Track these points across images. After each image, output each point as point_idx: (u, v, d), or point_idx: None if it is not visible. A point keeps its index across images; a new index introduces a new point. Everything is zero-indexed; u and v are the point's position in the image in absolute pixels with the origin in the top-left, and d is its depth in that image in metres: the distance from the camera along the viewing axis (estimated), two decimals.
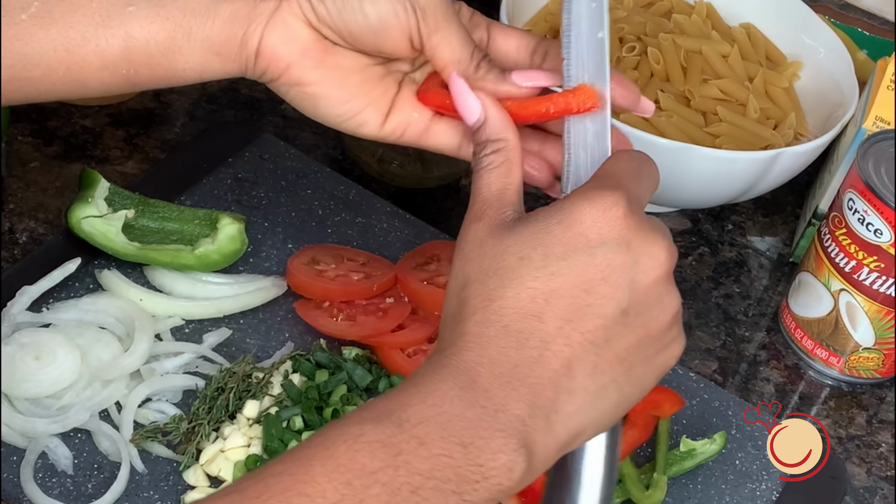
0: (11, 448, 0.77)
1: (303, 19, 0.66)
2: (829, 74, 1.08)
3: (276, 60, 0.66)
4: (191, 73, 0.67)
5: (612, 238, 0.57)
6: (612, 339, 0.57)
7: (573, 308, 0.56)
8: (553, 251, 0.57)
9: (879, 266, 0.89)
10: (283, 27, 0.66)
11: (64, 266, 0.84)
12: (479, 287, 0.58)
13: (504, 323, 0.56)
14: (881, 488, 0.90)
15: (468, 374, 0.55)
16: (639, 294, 0.58)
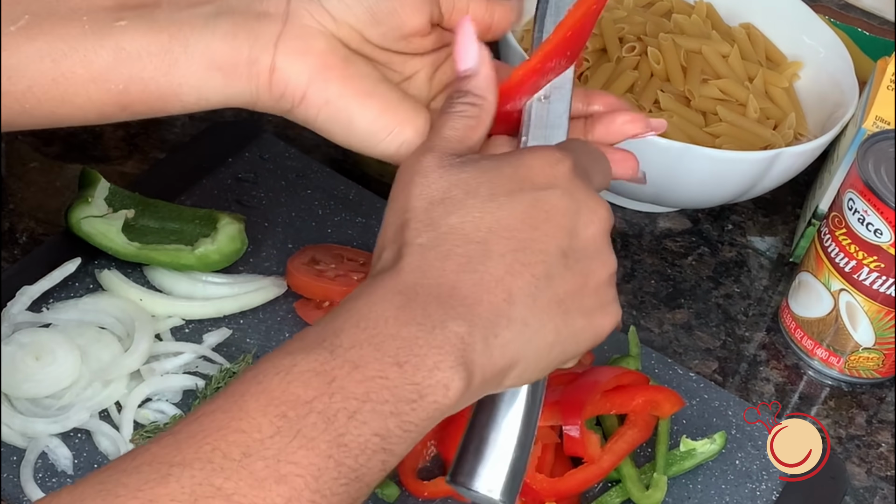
0: (11, 448, 0.77)
1: (315, 28, 0.62)
2: (829, 74, 1.08)
3: (296, 77, 0.62)
4: (188, 93, 0.63)
5: (557, 185, 0.59)
6: (552, 277, 0.58)
7: (517, 240, 0.57)
8: (500, 188, 0.58)
9: (879, 266, 0.89)
10: (297, 40, 0.62)
11: (64, 266, 0.84)
12: (423, 214, 0.58)
13: (446, 247, 0.57)
14: (881, 488, 0.90)
15: (405, 294, 0.55)
16: (580, 240, 0.59)
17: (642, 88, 1.04)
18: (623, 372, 0.85)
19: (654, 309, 0.99)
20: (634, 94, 1.04)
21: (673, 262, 1.04)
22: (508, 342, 0.56)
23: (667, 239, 1.06)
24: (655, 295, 1.00)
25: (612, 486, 0.82)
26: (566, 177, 0.59)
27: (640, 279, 1.01)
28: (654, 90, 1.04)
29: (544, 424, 0.80)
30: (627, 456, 0.82)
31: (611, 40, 1.07)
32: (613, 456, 0.81)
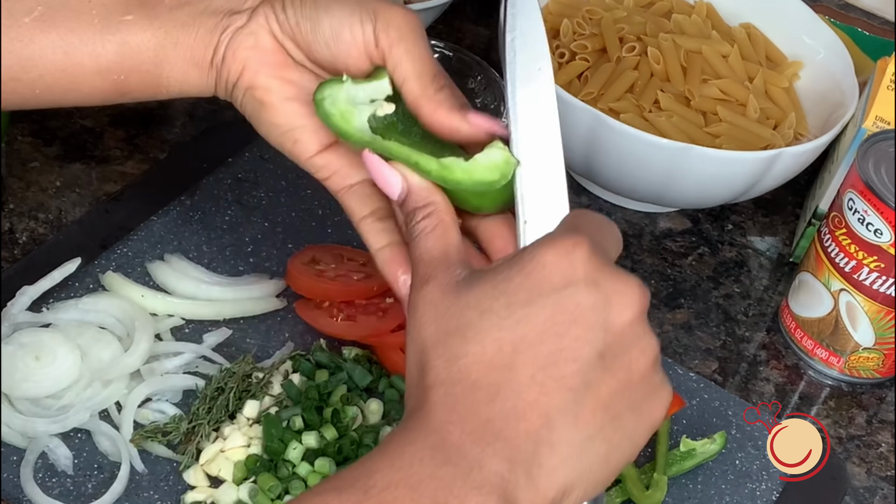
0: (11, 448, 0.77)
1: (268, 30, 0.68)
2: (829, 74, 1.08)
3: (237, 62, 0.68)
4: (174, 84, 0.70)
5: (578, 278, 0.54)
6: (591, 384, 0.53)
7: (545, 354, 0.53)
8: (516, 299, 0.54)
9: (879, 266, 0.89)
10: (250, 35, 0.68)
11: (64, 266, 0.84)
12: (441, 349, 0.54)
13: (472, 379, 0.53)
14: (881, 488, 0.90)
15: (437, 433, 0.52)
16: (614, 335, 0.54)
17: (642, 88, 1.04)
18: None
19: (654, 309, 0.99)
20: (634, 94, 1.04)
21: (673, 262, 1.04)
22: (555, 469, 0.52)
23: (667, 239, 1.06)
24: (655, 295, 1.00)
25: (612, 486, 0.82)
26: (585, 263, 0.54)
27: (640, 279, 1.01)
28: (654, 90, 1.04)
29: None
30: None
31: (611, 40, 1.07)
32: None
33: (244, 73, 0.69)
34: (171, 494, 0.77)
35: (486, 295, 0.54)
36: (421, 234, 0.61)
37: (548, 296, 0.53)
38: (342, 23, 0.66)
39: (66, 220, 0.93)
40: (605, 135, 0.95)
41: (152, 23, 0.68)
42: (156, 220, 0.92)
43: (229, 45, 0.68)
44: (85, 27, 0.67)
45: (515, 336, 0.53)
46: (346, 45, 0.66)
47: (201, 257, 0.90)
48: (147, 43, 0.68)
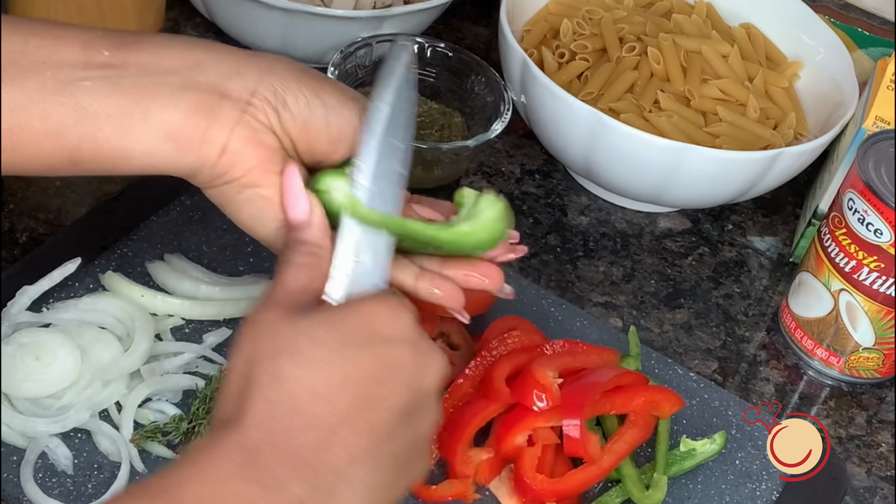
0: (11, 448, 0.77)
1: (269, 126, 0.65)
2: (829, 74, 1.08)
3: (243, 161, 0.65)
4: (139, 157, 0.64)
5: (404, 338, 0.59)
6: (392, 435, 0.58)
7: (364, 396, 0.57)
8: (349, 339, 0.58)
9: (879, 266, 0.89)
10: (252, 131, 0.65)
11: (64, 266, 0.84)
12: (269, 365, 0.57)
13: (294, 403, 0.56)
14: (881, 488, 0.90)
15: (250, 452, 0.55)
16: (420, 397, 0.60)
17: (642, 88, 1.04)
18: (623, 372, 0.85)
19: (654, 309, 0.99)
20: (634, 94, 1.04)
21: (673, 262, 1.04)
22: (345, 502, 0.56)
23: (667, 239, 1.06)
24: (655, 295, 1.00)
25: (612, 486, 0.82)
26: (411, 329, 0.60)
27: (640, 279, 1.01)
28: (654, 90, 1.04)
29: (544, 425, 0.80)
30: (627, 456, 0.82)
31: (611, 40, 1.07)
32: (613, 456, 0.81)
33: (250, 172, 0.66)
34: None
35: (322, 327, 0.58)
36: (297, 264, 0.63)
37: (377, 344, 0.59)
38: (347, 122, 0.67)
39: (66, 220, 0.93)
40: (605, 135, 0.95)
41: (115, 90, 0.62)
42: (156, 220, 0.92)
43: (231, 140, 0.64)
44: (35, 87, 0.61)
45: (342, 373, 0.57)
46: (346, 143, 0.67)
47: (201, 257, 0.90)
48: (108, 109, 0.62)
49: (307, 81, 0.67)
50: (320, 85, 0.67)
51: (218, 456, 0.55)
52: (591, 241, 1.03)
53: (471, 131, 1.02)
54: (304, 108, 0.66)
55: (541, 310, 0.92)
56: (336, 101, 0.67)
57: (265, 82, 0.65)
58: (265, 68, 0.66)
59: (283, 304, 0.60)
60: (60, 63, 0.62)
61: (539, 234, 1.03)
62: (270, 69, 0.66)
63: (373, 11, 1.04)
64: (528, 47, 1.06)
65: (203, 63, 0.65)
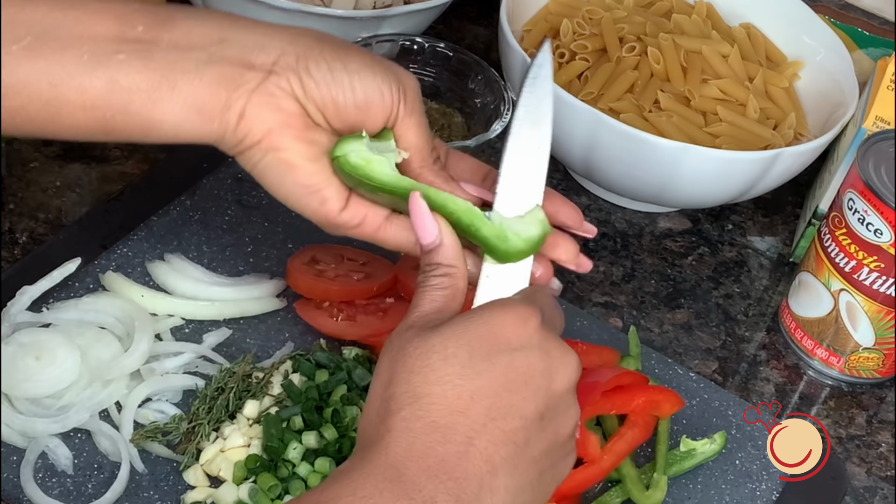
0: (11, 448, 0.77)
1: (290, 92, 0.67)
2: (829, 74, 1.08)
3: (260, 124, 0.67)
4: (167, 129, 0.67)
5: (532, 344, 0.61)
6: (530, 440, 0.60)
7: (497, 407, 0.59)
8: (477, 351, 0.60)
9: (879, 266, 0.89)
10: (270, 97, 0.67)
11: (64, 266, 0.84)
12: (405, 385, 0.60)
13: (431, 418, 0.59)
14: (881, 488, 0.90)
15: (396, 468, 0.57)
16: (553, 399, 0.61)
17: (642, 88, 1.04)
18: (623, 372, 0.85)
19: (654, 309, 0.99)
20: (634, 94, 1.04)
21: (673, 262, 1.04)
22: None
23: (667, 239, 1.06)
24: (655, 295, 1.00)
25: (612, 486, 0.82)
26: (538, 333, 0.62)
27: (640, 279, 1.01)
28: (654, 90, 1.04)
29: None
30: (627, 456, 0.82)
31: (611, 40, 1.07)
32: (613, 456, 0.81)
33: (268, 135, 0.68)
34: (171, 494, 0.77)
35: (451, 341, 0.61)
36: (433, 287, 0.65)
37: (505, 353, 0.61)
38: (374, 87, 0.68)
39: (66, 220, 0.93)
40: (605, 135, 0.95)
41: (147, 64, 0.66)
42: (156, 220, 0.92)
43: (248, 105, 0.67)
44: (73, 61, 0.65)
45: (473, 386, 0.59)
46: (375, 109, 0.68)
47: (201, 257, 0.90)
48: (140, 84, 0.65)
49: (331, 48, 0.68)
50: (345, 51, 0.68)
51: (367, 472, 0.57)
52: (591, 241, 1.03)
53: (471, 131, 1.01)
54: (325, 73, 0.67)
55: None
56: (360, 66, 0.68)
57: (288, 51, 0.67)
58: (289, 38, 0.68)
59: (419, 326, 0.63)
60: (96, 37, 0.65)
61: None
62: (294, 39, 0.68)
63: (373, 11, 1.04)
64: (528, 47, 1.06)
65: (229, 38, 0.67)
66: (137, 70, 0.65)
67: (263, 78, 0.67)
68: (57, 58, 0.65)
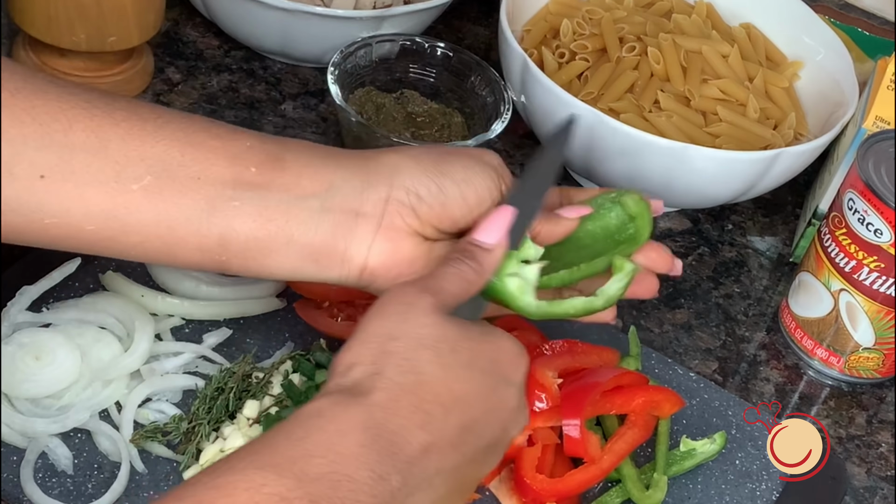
0: (11, 448, 0.77)
1: (406, 230, 0.70)
2: (829, 74, 1.08)
3: (383, 277, 0.70)
4: (283, 274, 0.70)
5: (518, 384, 0.64)
6: (472, 463, 0.62)
7: (470, 418, 0.61)
8: (477, 361, 0.62)
9: (879, 266, 0.89)
10: (388, 243, 0.69)
11: (64, 266, 0.84)
12: (410, 352, 0.61)
13: (418, 398, 0.60)
14: (881, 488, 0.90)
15: (370, 432, 0.58)
16: (503, 440, 0.65)
17: (642, 88, 1.04)
18: (623, 372, 0.85)
19: (654, 309, 0.99)
20: (634, 94, 1.04)
21: None
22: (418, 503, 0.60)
23: (667, 239, 1.06)
24: None
25: (612, 486, 0.82)
26: (523, 377, 0.65)
27: None
28: (654, 90, 1.04)
29: (544, 425, 0.80)
30: (627, 456, 0.82)
31: (611, 40, 1.07)
32: (613, 456, 0.81)
33: (390, 272, 0.70)
34: None
35: (464, 341, 0.62)
36: (458, 271, 0.66)
37: (497, 377, 0.63)
38: (483, 189, 0.71)
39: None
40: (605, 135, 0.95)
41: (262, 213, 0.68)
42: None
43: (369, 258, 0.69)
44: (191, 206, 0.67)
45: (463, 389, 0.61)
46: (484, 203, 0.71)
47: None
48: (255, 233, 0.68)
49: (433, 165, 0.70)
50: (447, 163, 0.71)
51: (342, 430, 0.58)
52: None
53: (471, 131, 1.02)
54: (437, 193, 0.70)
55: None
56: (465, 174, 0.70)
57: (395, 185, 0.69)
58: (392, 170, 0.70)
59: (436, 299, 0.63)
60: (213, 180, 0.67)
61: None
62: (397, 169, 0.70)
63: (373, 11, 1.04)
64: (528, 47, 1.06)
65: (336, 183, 0.69)
66: (253, 219, 0.68)
67: (378, 223, 0.69)
68: (175, 201, 0.67)
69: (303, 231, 0.68)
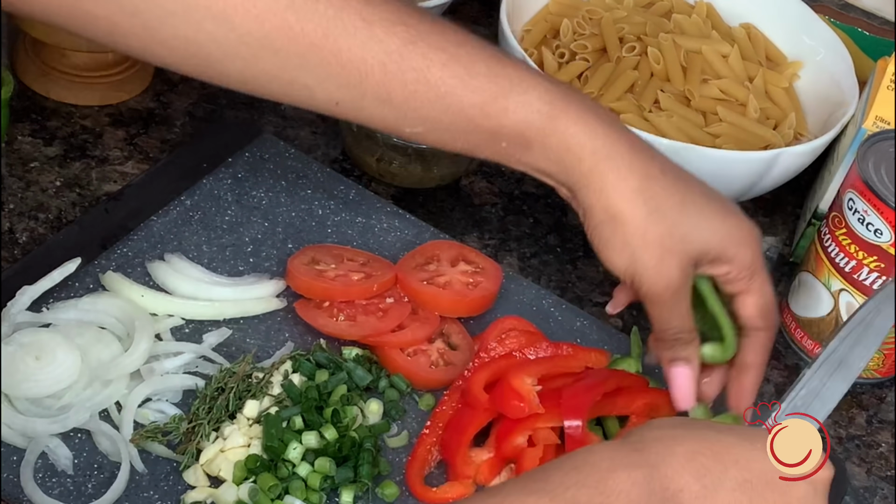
0: (11, 448, 0.77)
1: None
2: (829, 74, 1.08)
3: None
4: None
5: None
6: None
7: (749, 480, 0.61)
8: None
9: (879, 266, 0.89)
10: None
11: (64, 266, 0.84)
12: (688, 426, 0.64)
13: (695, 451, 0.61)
14: (881, 488, 0.90)
15: (642, 471, 0.59)
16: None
17: (642, 88, 1.04)
18: (623, 374, 0.85)
19: None
20: (634, 94, 1.04)
21: None
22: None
23: None
24: None
25: None
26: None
27: None
28: (654, 90, 1.04)
29: (544, 426, 0.80)
30: None
31: (611, 40, 1.07)
32: None
33: None
34: (171, 494, 0.76)
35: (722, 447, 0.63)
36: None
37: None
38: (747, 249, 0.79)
39: (66, 220, 0.93)
40: None
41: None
42: (156, 220, 0.92)
43: None
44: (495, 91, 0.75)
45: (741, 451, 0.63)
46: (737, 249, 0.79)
47: (201, 257, 0.90)
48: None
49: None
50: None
51: (616, 468, 0.59)
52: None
53: None
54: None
55: (541, 310, 0.92)
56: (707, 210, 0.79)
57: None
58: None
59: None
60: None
61: (539, 234, 1.03)
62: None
63: None
64: (528, 47, 1.06)
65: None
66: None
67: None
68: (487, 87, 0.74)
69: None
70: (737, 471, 0.60)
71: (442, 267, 0.91)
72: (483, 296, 0.90)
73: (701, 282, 0.80)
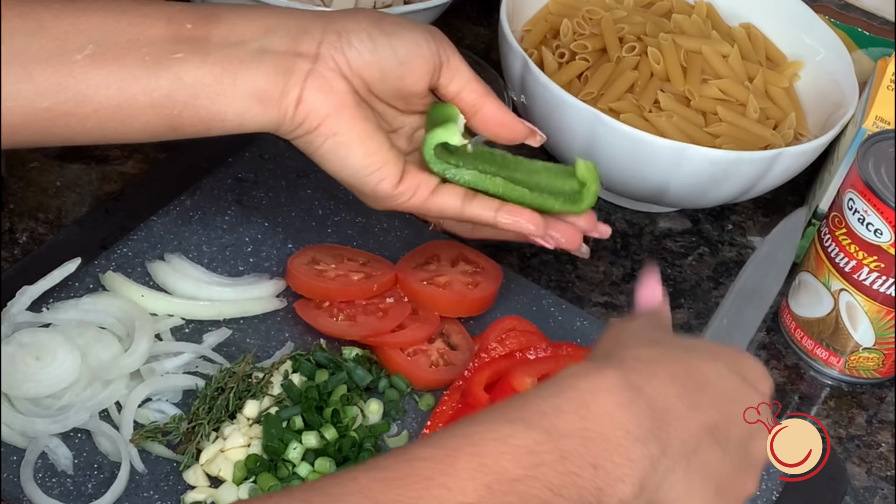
0: (11, 448, 0.77)
1: (338, 71, 0.71)
2: (829, 74, 1.08)
3: (316, 110, 0.71)
4: (230, 118, 0.71)
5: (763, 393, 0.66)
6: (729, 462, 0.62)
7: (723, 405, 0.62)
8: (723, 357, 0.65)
9: (879, 266, 0.89)
10: (322, 80, 0.71)
11: (64, 266, 0.84)
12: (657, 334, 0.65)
13: (672, 371, 0.60)
14: (881, 488, 0.90)
15: (629, 392, 0.58)
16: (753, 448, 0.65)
17: (642, 88, 1.04)
18: None
19: None
20: (634, 94, 1.04)
21: (673, 262, 1.04)
22: (675, 483, 0.59)
23: (667, 239, 1.06)
24: None
25: None
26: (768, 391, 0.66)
27: None
28: (654, 90, 1.04)
29: None
30: None
31: (611, 40, 1.07)
32: None
33: (325, 120, 0.72)
34: (171, 494, 0.77)
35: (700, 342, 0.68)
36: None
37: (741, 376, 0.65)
38: (413, 44, 0.73)
39: (66, 220, 0.93)
40: (605, 135, 0.95)
41: (205, 59, 0.70)
42: (156, 220, 0.92)
43: (304, 91, 0.71)
44: (136, 63, 0.69)
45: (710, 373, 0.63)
46: (419, 66, 0.73)
47: (201, 257, 0.90)
48: (202, 78, 0.69)
49: (368, 19, 0.73)
50: (381, 19, 0.73)
51: (598, 388, 0.57)
52: (591, 241, 1.03)
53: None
54: (367, 41, 0.72)
55: (541, 310, 0.92)
56: (395, 27, 0.73)
57: (329, 30, 0.72)
58: (328, 19, 0.73)
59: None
60: (152, 39, 0.69)
61: None
62: (332, 18, 0.73)
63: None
64: (528, 47, 1.06)
65: (273, 27, 0.72)
66: (197, 66, 0.69)
67: (313, 61, 0.71)
68: (121, 62, 0.68)
69: (246, 69, 0.70)
70: (710, 389, 0.61)
71: (442, 267, 0.91)
72: (483, 296, 0.90)
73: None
